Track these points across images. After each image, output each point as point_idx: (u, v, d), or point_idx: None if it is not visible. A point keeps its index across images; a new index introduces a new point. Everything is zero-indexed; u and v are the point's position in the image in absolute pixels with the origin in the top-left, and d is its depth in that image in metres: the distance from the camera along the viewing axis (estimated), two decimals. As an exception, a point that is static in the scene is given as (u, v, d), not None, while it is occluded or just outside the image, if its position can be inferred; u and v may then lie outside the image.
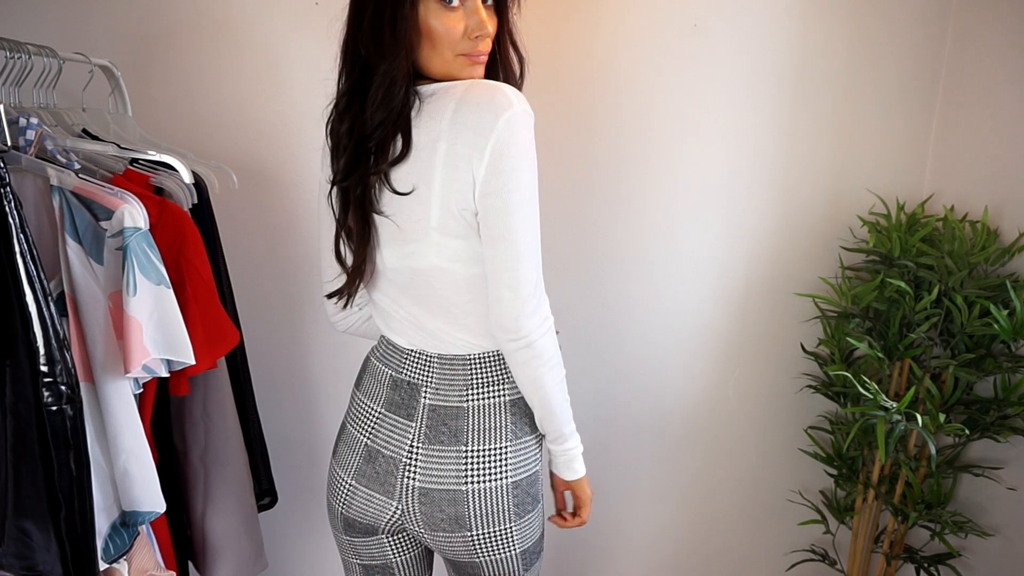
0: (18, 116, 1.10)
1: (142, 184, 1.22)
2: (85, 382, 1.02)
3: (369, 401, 1.13)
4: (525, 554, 1.11)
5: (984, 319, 1.54)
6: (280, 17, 1.63)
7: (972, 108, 1.73)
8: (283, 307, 1.82)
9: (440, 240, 0.98)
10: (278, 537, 1.94)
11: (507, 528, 1.07)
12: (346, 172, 1.01)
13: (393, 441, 1.07)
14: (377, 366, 1.14)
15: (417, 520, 1.07)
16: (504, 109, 0.91)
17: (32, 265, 0.92)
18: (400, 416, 1.08)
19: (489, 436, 1.05)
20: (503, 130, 0.91)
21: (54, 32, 1.57)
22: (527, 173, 0.94)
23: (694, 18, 1.71)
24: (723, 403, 1.99)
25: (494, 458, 1.05)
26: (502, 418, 1.06)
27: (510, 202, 0.93)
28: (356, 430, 1.13)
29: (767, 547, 2.11)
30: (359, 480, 1.10)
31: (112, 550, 1.08)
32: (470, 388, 1.06)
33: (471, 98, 0.93)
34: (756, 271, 1.89)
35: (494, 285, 0.97)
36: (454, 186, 0.94)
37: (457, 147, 0.93)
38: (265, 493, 1.59)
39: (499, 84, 0.95)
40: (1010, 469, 1.70)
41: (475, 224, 0.97)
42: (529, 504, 1.09)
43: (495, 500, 1.05)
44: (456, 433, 1.05)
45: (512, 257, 0.95)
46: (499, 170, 0.92)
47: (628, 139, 1.76)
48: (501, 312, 0.97)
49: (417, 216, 0.98)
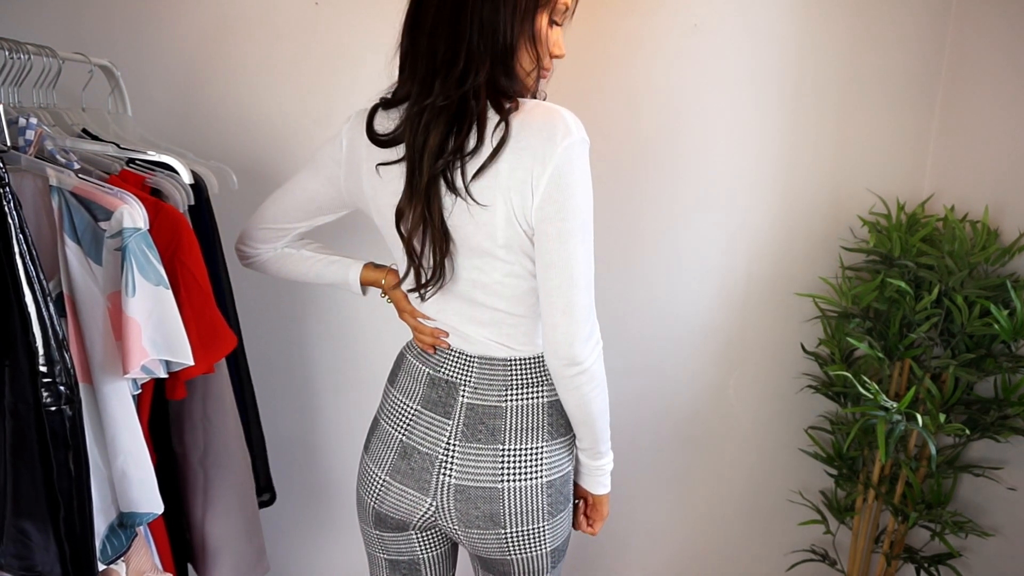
0: (18, 116, 1.10)
1: (137, 185, 1.21)
2: (83, 383, 1.02)
3: (404, 398, 1.13)
4: (554, 552, 1.13)
5: (984, 319, 1.54)
6: (280, 17, 1.63)
7: (972, 108, 1.73)
8: (283, 307, 1.82)
9: (506, 257, 0.99)
10: (278, 537, 1.94)
11: (540, 527, 1.08)
12: (428, 184, 0.98)
13: (429, 438, 1.09)
14: (414, 363, 1.14)
15: (451, 517, 1.08)
16: (564, 137, 0.92)
17: (31, 265, 0.92)
18: (437, 413, 1.09)
19: (526, 436, 1.06)
20: (562, 158, 0.92)
21: (54, 32, 1.56)
22: (583, 200, 0.95)
23: (694, 18, 1.71)
24: (723, 403, 1.98)
25: (530, 458, 1.06)
26: (540, 418, 1.07)
27: (565, 230, 0.94)
28: (391, 426, 1.13)
29: (767, 547, 2.11)
30: (393, 476, 1.11)
31: (110, 551, 1.08)
32: (510, 388, 1.07)
33: (533, 123, 0.93)
34: (756, 271, 1.88)
35: (548, 311, 0.99)
36: (515, 207, 0.95)
37: (517, 172, 0.93)
38: (263, 490, 1.59)
39: (559, 109, 0.95)
40: (1010, 469, 1.69)
41: (532, 244, 0.98)
42: (561, 504, 1.10)
43: (530, 499, 1.06)
44: (493, 432, 1.06)
45: (566, 283, 0.96)
46: (555, 197, 0.93)
47: (627, 139, 1.76)
48: (556, 338, 0.99)
49: (484, 233, 0.98)
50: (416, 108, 0.96)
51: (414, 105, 0.97)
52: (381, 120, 1.03)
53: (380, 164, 1.02)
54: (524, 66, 0.98)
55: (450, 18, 0.93)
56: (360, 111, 1.08)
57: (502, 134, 0.93)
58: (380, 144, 1.02)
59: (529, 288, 1.03)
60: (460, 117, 0.94)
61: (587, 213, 0.96)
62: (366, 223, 1.76)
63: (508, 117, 0.93)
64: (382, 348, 1.85)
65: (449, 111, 0.94)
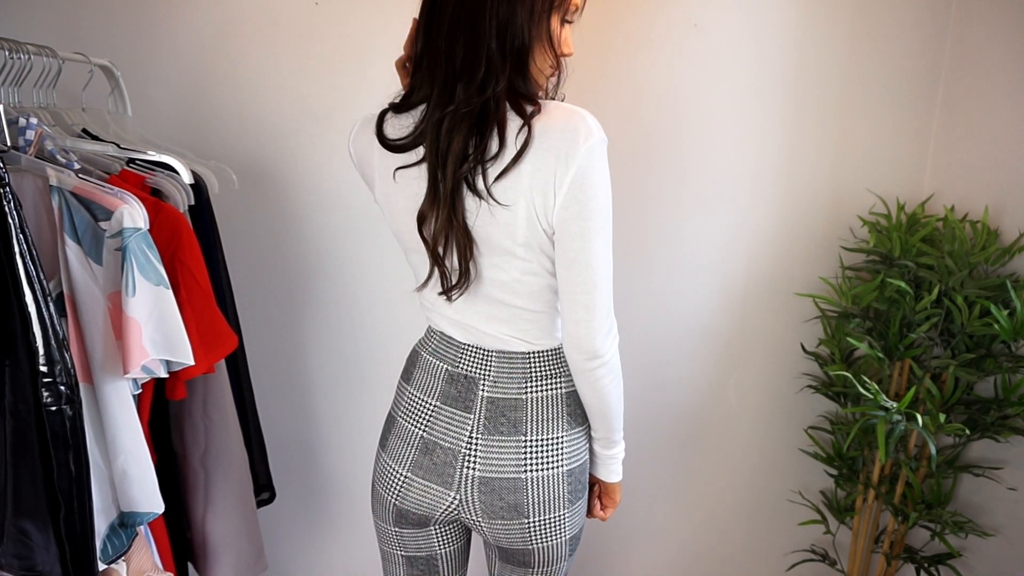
0: (18, 116, 1.10)
1: (137, 185, 1.21)
2: (84, 383, 1.02)
3: (422, 394, 1.14)
4: (572, 540, 1.16)
5: (984, 319, 1.54)
6: (280, 17, 1.63)
7: (972, 108, 1.73)
8: (283, 307, 1.82)
9: (525, 255, 1.01)
10: (278, 537, 1.95)
11: (561, 515, 1.11)
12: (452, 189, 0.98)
13: (451, 433, 1.10)
14: (430, 360, 1.15)
15: (475, 509, 1.10)
16: (586, 138, 0.94)
17: (32, 265, 0.92)
18: (457, 408, 1.10)
19: (547, 426, 1.09)
20: (584, 159, 0.94)
21: (54, 32, 1.57)
22: (604, 200, 0.98)
23: (694, 18, 1.71)
24: (723, 403, 1.99)
25: (552, 447, 1.09)
26: (559, 409, 1.10)
27: (587, 228, 0.97)
28: (409, 423, 1.14)
29: (767, 547, 2.11)
30: (415, 472, 1.12)
31: (110, 551, 1.09)
32: (529, 381, 1.09)
33: (555, 125, 0.94)
34: (756, 271, 1.88)
35: (569, 307, 1.01)
36: (537, 207, 0.97)
37: (540, 173, 0.95)
38: (263, 489, 1.59)
39: (579, 110, 0.96)
40: (1010, 469, 1.69)
41: (551, 242, 1.00)
42: (580, 492, 1.13)
43: (552, 487, 1.09)
44: (515, 424, 1.08)
45: (587, 280, 0.99)
46: (579, 197, 0.95)
47: (627, 139, 1.76)
48: (577, 333, 1.02)
49: (504, 233, 0.99)
50: (438, 114, 0.96)
51: (435, 111, 0.97)
52: (393, 125, 1.03)
53: (399, 168, 1.02)
54: (540, 66, 0.99)
55: (467, 21, 0.93)
56: (365, 119, 1.07)
57: (525, 137, 0.94)
58: (395, 150, 1.02)
59: (546, 285, 1.05)
60: (482, 122, 0.95)
61: (607, 212, 0.99)
62: (369, 226, 1.77)
63: (531, 120, 0.95)
64: (382, 348, 1.86)
65: (472, 117, 0.95)
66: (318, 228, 1.77)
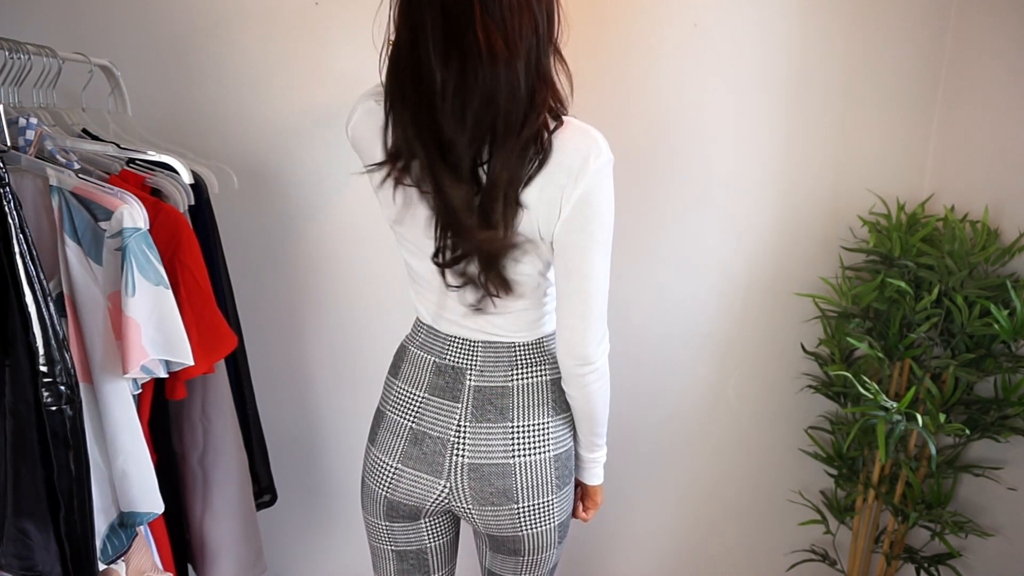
0: (18, 116, 1.10)
1: (137, 185, 1.21)
2: (84, 383, 1.02)
3: (410, 387, 1.17)
4: (561, 527, 1.18)
5: (984, 319, 1.54)
6: (280, 17, 1.63)
7: (972, 108, 1.73)
8: (283, 307, 1.82)
9: (520, 258, 1.03)
10: (278, 537, 1.94)
11: (550, 500, 1.13)
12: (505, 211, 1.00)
13: (440, 422, 1.12)
14: (418, 354, 1.17)
15: (465, 497, 1.12)
16: (596, 158, 0.97)
17: (31, 265, 0.92)
18: (445, 399, 1.13)
19: (533, 412, 1.12)
20: (593, 178, 0.97)
21: (54, 32, 1.57)
22: (607, 217, 1.01)
23: (694, 18, 1.71)
24: (723, 403, 1.99)
25: (538, 433, 1.12)
26: (544, 395, 1.13)
27: (589, 242, 1.00)
28: (398, 415, 1.16)
29: (767, 547, 2.11)
30: (405, 462, 1.14)
31: (110, 551, 1.09)
32: (514, 368, 1.12)
33: (568, 142, 0.97)
34: (756, 271, 1.88)
35: (565, 314, 1.05)
36: (541, 217, 0.99)
37: (549, 187, 0.97)
38: (264, 491, 1.59)
39: (590, 129, 0.99)
40: (1010, 469, 1.69)
41: (549, 249, 1.03)
42: (567, 477, 1.16)
43: (540, 472, 1.12)
44: (502, 411, 1.11)
45: (584, 290, 1.02)
46: (584, 212, 0.98)
47: (627, 139, 1.76)
48: (572, 340, 1.05)
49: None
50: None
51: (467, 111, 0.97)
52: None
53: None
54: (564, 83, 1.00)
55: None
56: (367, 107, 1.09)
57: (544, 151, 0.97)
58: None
59: (536, 284, 1.08)
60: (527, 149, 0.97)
61: (609, 228, 1.02)
62: (369, 226, 1.77)
63: (551, 136, 0.97)
64: (382, 348, 1.85)
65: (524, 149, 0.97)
66: (318, 228, 1.77)
